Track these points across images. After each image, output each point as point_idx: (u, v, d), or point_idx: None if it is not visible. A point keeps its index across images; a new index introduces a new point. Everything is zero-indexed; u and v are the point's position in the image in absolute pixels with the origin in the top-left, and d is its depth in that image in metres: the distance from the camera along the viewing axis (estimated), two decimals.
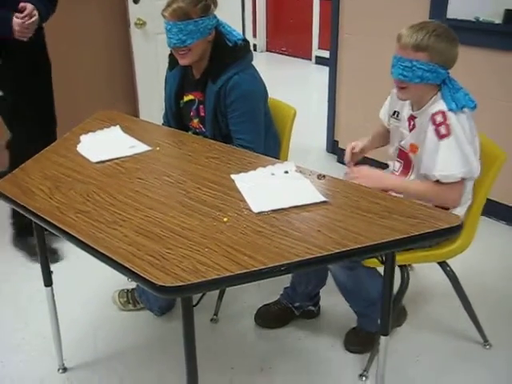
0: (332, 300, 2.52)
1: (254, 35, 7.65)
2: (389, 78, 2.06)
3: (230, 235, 1.54)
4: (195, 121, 2.44)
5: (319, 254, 1.44)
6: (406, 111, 2.15)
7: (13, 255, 3.07)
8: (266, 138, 2.39)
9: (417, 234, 1.53)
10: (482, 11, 3.13)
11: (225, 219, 1.62)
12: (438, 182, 1.98)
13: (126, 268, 1.42)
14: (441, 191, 1.98)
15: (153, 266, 1.42)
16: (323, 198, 1.72)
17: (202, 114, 2.39)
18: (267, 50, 8.11)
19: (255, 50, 7.86)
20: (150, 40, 4.07)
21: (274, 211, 1.66)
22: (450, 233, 1.60)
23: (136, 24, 3.98)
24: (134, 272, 1.40)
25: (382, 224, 1.58)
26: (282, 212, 1.66)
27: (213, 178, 1.90)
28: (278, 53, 7.97)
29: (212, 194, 1.78)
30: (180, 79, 2.44)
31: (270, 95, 2.47)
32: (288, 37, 7.79)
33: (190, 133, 2.48)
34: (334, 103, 4.25)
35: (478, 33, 3.12)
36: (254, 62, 2.38)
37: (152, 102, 4.08)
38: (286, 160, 2.53)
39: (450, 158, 1.94)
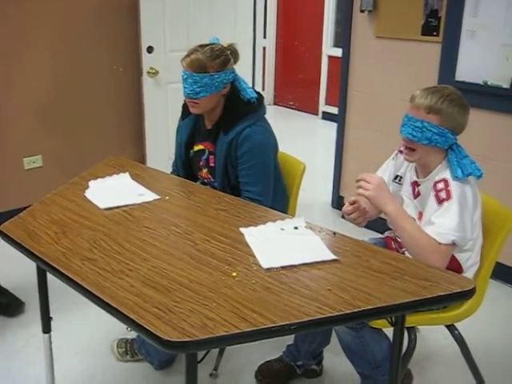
0: (336, 359, 2.46)
1: (263, 88, 7.77)
2: (395, 137, 2.07)
3: (239, 290, 1.51)
4: (204, 171, 2.44)
5: (330, 314, 1.41)
6: (409, 176, 2.14)
7: None
8: (275, 192, 2.39)
9: (429, 296, 1.50)
10: (490, 75, 3.18)
11: (234, 274, 1.59)
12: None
13: (132, 320, 1.38)
14: (429, 247, 1.90)
15: (159, 319, 1.38)
16: (334, 256, 1.69)
17: (212, 164, 2.39)
18: (275, 104, 8.22)
19: None
20: (162, 89, 4.13)
21: (283, 268, 1.63)
22: (463, 297, 1.57)
23: (149, 73, 4.05)
24: (139, 324, 1.36)
25: (393, 285, 1.55)
26: (291, 269, 1.63)
27: (222, 230, 1.88)
28: (285, 106, 8.07)
29: (221, 247, 1.76)
30: (191, 129, 2.46)
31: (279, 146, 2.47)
32: (296, 91, 7.91)
33: (198, 183, 2.48)
34: (341, 159, 4.27)
35: (485, 96, 3.16)
36: None
37: (159, 150, 4.11)
38: (294, 214, 2.52)
39: (447, 219, 1.91)
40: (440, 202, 1.94)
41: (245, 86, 2.36)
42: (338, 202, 4.37)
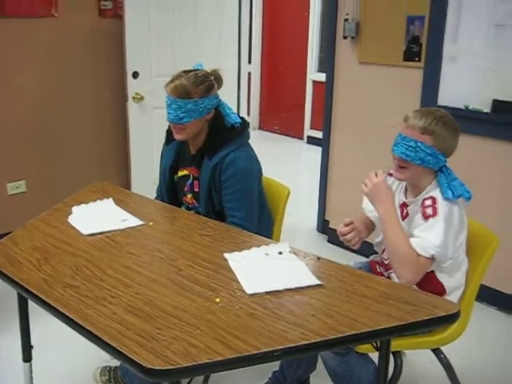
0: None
1: (248, 113, 7.82)
2: (380, 161, 2.09)
3: (223, 317, 1.50)
4: (189, 196, 2.43)
5: (314, 340, 1.40)
6: (397, 198, 2.15)
7: None
8: (260, 217, 2.39)
9: (414, 321, 1.50)
10: (471, 100, 3.22)
11: (217, 299, 1.58)
12: None
13: (114, 348, 1.36)
14: (408, 256, 1.91)
15: (142, 346, 1.36)
16: (318, 281, 1.69)
17: (196, 189, 2.39)
18: (260, 128, 8.27)
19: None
20: (147, 114, 4.14)
21: (267, 293, 1.62)
22: (447, 320, 1.57)
23: (134, 98, 4.05)
24: (121, 352, 1.35)
25: (377, 310, 1.55)
26: (275, 294, 1.62)
27: (205, 256, 1.87)
28: (270, 131, 8.12)
29: (204, 273, 1.75)
30: (176, 154, 2.46)
31: (263, 172, 2.48)
32: (281, 116, 7.97)
33: (182, 208, 2.47)
34: (326, 183, 4.29)
35: (467, 120, 3.19)
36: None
37: (144, 175, 4.09)
38: (279, 239, 2.52)
39: (430, 234, 1.92)
40: (426, 217, 1.96)
41: (229, 112, 2.37)
42: (323, 227, 4.37)
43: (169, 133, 2.45)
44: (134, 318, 1.49)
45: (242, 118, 2.40)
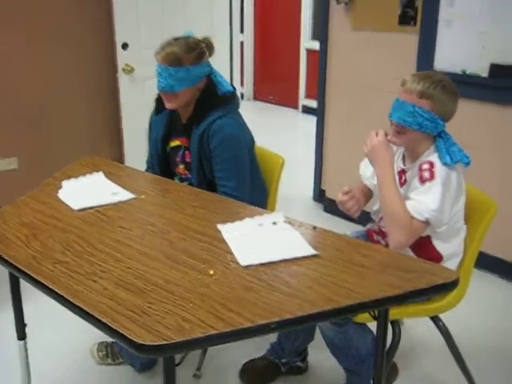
0: (321, 355, 2.42)
1: (242, 84, 7.71)
2: (375, 127, 2.03)
3: (217, 290, 1.46)
4: (181, 167, 2.38)
5: (310, 312, 1.36)
6: (395, 165, 2.10)
7: None
8: (253, 187, 2.34)
9: (412, 289, 1.47)
10: (468, 65, 3.16)
11: (211, 272, 1.54)
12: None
13: (105, 324, 1.32)
14: (401, 217, 1.88)
15: (134, 322, 1.33)
16: (314, 251, 1.65)
17: (188, 160, 2.33)
18: (254, 99, 8.17)
19: (242, 98, 7.91)
20: (138, 86, 4.06)
21: (262, 265, 1.58)
22: (446, 288, 1.54)
23: (124, 70, 3.97)
24: (112, 328, 1.31)
25: (375, 279, 1.51)
26: (270, 266, 1.58)
27: (199, 228, 1.83)
28: (265, 101, 8.03)
29: (198, 246, 1.71)
30: (167, 124, 2.40)
31: (256, 143, 2.42)
32: (275, 86, 7.87)
33: (175, 179, 2.43)
34: (322, 152, 4.24)
35: (464, 85, 3.12)
36: (240, 110, 2.35)
37: (138, 148, 3.98)
38: (274, 210, 2.47)
39: (426, 197, 1.89)
40: (423, 181, 1.92)
41: (221, 80, 2.30)
42: (319, 196, 4.33)
43: (158, 102, 2.39)
44: (125, 293, 1.45)
45: (233, 87, 2.33)
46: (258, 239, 1.74)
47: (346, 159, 3.95)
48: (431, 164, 1.94)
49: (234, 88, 2.33)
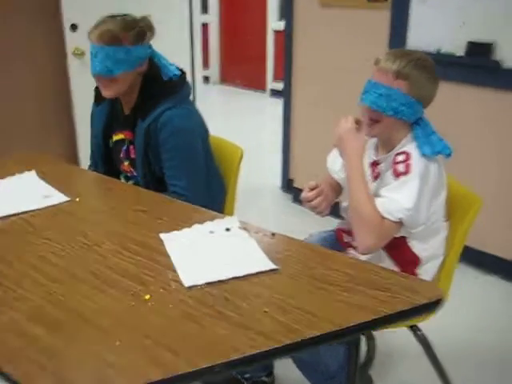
0: (288, 367, 2.17)
1: (207, 66, 7.39)
2: (346, 113, 1.78)
3: (151, 320, 1.19)
4: (126, 163, 2.10)
5: (265, 349, 1.10)
6: (366, 158, 1.84)
7: None
8: (209, 184, 2.07)
9: (390, 313, 1.22)
10: (443, 43, 2.92)
11: (146, 297, 1.27)
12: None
13: (3, 374, 1.05)
14: (370, 217, 1.64)
15: (42, 369, 1.05)
16: (272, 265, 1.39)
17: (133, 155, 2.05)
18: (221, 82, 7.85)
19: (207, 82, 7.59)
20: (90, 70, 3.72)
21: (209, 284, 1.32)
22: (429, 309, 1.29)
23: (74, 53, 3.63)
24: (13, 380, 1.03)
25: (344, 300, 1.26)
26: (219, 285, 1.32)
27: (139, 237, 1.55)
28: (232, 85, 7.72)
29: (135, 261, 1.43)
30: (108, 115, 2.11)
31: (222, 130, 2.14)
32: (242, 69, 7.56)
33: (121, 178, 2.15)
34: (289, 139, 3.97)
35: (439, 65, 2.89)
36: (206, 95, 2.07)
37: None
38: (233, 207, 2.22)
39: (400, 194, 1.64)
40: (397, 175, 1.67)
41: (165, 63, 2.01)
42: (287, 186, 4.08)
43: (98, 90, 2.09)
44: (40, 328, 1.17)
45: (181, 70, 2.05)
46: (206, 251, 1.47)
47: (314, 146, 3.70)
48: (407, 155, 1.69)
49: (183, 72, 2.05)
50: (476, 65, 2.83)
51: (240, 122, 5.17)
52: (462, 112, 2.94)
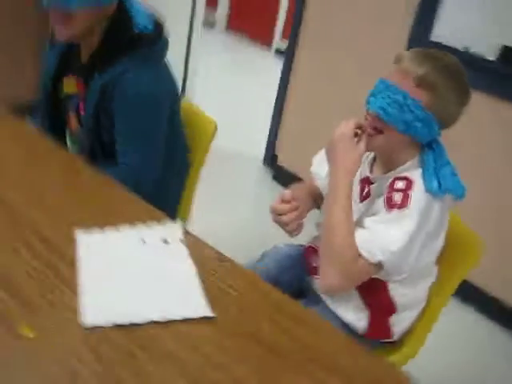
0: None
1: (214, 4, 6.85)
2: (351, 94, 1.41)
3: (25, 377, 0.86)
4: (72, 116, 1.73)
5: None
6: (359, 171, 1.48)
7: None
8: (172, 156, 1.72)
9: None
10: (473, 42, 2.53)
11: (30, 335, 0.93)
12: None
13: None
14: (344, 252, 1.30)
15: None
16: (208, 312, 1.05)
17: (82, 112, 1.68)
18: (227, 28, 7.32)
19: (213, 27, 7.08)
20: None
21: (118, 327, 0.98)
22: None
23: None
24: None
25: (290, 379, 0.94)
26: (131, 331, 0.98)
27: (47, 230, 1.19)
28: (237, 34, 7.20)
29: (31, 268, 1.08)
30: (60, 59, 1.72)
31: (214, 85, 1.76)
32: (251, 18, 7.02)
33: (68, 141, 1.79)
34: (281, 109, 3.58)
35: (464, 67, 2.53)
36: (210, 42, 1.70)
37: None
38: (194, 190, 1.87)
39: (388, 230, 1.30)
40: (390, 206, 1.31)
41: (138, 8, 1.61)
42: (271, 161, 3.71)
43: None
44: None
45: (157, 24, 1.64)
46: (127, 273, 1.12)
47: (309, 125, 3.33)
48: (409, 183, 1.33)
49: (159, 25, 1.64)
50: (509, 73, 2.46)
51: (236, 79, 4.76)
52: (483, 129, 2.57)
